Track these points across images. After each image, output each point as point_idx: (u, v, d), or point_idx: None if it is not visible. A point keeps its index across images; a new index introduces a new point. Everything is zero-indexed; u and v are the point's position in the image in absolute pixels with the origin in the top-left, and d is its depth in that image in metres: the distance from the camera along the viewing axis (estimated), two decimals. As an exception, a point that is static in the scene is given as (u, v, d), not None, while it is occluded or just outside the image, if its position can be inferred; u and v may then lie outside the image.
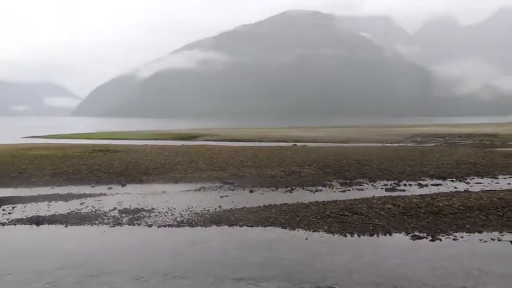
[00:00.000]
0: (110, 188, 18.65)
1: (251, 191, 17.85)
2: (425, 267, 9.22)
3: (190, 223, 12.73)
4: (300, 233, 11.70)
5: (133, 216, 13.62)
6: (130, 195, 17.01)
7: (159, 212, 14.08)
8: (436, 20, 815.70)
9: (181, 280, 8.74)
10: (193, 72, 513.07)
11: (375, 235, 11.35)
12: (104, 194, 17.28)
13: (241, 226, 12.36)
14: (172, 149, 33.59)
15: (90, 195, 16.96)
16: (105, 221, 13.11)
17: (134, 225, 12.71)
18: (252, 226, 12.33)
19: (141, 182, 20.28)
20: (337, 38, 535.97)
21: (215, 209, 14.44)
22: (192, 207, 14.67)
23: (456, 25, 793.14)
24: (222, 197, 16.67)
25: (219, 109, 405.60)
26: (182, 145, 39.70)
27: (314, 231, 11.75)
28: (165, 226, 12.51)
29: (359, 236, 11.31)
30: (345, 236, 11.30)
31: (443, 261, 9.55)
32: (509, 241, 10.71)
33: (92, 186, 19.14)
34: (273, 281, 8.65)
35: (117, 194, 17.40)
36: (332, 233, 11.55)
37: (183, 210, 14.25)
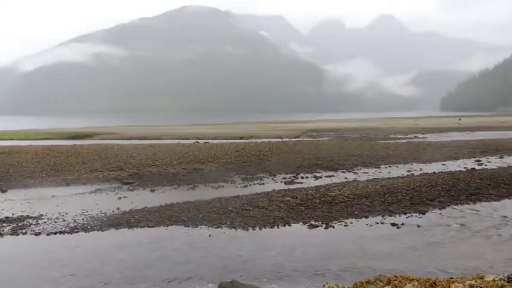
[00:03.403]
0: (-13, 195, 16.52)
1: (152, 190, 17.34)
2: (316, 253, 9.88)
3: (85, 228, 11.89)
4: (203, 230, 11.69)
5: (17, 225, 12.27)
6: (12, 202, 15.31)
7: (48, 219, 12.91)
8: (325, 23, 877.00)
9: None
10: (86, 66, 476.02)
11: (275, 227, 11.85)
12: (-20, 203, 15.25)
13: (142, 227, 11.92)
14: (63, 150, 30.94)
15: (-38, 205, 14.84)
16: (-18, 232, 11.59)
17: (18, 234, 11.47)
18: (153, 226, 11.97)
19: (25, 186, 18.36)
20: (237, 36, 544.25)
21: (113, 211, 13.70)
22: (87, 211, 13.73)
23: (343, 28, 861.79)
24: (120, 198, 15.89)
25: (115, 106, 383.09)
26: (74, 145, 36.79)
27: (217, 227, 11.84)
28: (55, 233, 11.50)
29: (260, 228, 11.69)
30: (247, 230, 11.58)
31: (333, 246, 10.35)
32: (390, 223, 12.02)
33: (-36, 194, 16.76)
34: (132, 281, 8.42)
35: (-4, 201, 15.49)
36: (235, 227, 11.76)
37: (76, 215, 13.26)
